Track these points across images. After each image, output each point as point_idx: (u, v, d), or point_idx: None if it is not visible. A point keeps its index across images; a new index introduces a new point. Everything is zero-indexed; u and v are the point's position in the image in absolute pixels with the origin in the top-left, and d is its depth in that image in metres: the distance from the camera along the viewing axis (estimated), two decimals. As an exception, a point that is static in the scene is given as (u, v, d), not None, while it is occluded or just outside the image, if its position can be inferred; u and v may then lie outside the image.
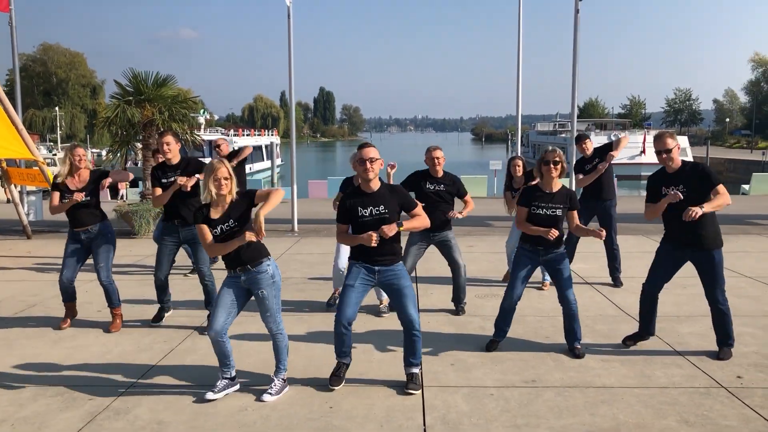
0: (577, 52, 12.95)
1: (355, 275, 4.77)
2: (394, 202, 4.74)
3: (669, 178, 5.27)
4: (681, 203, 5.06)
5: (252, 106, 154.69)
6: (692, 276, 8.25)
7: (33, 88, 79.73)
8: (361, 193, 4.74)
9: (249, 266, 4.66)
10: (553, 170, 5.33)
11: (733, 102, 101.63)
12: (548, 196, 5.41)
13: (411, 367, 4.87)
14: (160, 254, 6.44)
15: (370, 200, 4.69)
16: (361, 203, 4.69)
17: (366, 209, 4.67)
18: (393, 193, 4.79)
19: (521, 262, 5.55)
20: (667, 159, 5.26)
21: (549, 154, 5.34)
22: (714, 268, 5.32)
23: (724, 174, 49.97)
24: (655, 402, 4.52)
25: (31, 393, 4.84)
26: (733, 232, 12.08)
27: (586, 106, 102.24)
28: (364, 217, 4.67)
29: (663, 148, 5.24)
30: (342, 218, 4.80)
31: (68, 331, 6.37)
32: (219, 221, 4.60)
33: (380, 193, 4.73)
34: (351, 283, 4.76)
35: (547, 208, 5.37)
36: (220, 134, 54.54)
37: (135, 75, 13.49)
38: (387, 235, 4.60)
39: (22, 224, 12.53)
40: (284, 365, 4.83)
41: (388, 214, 4.67)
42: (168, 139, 6.35)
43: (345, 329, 4.78)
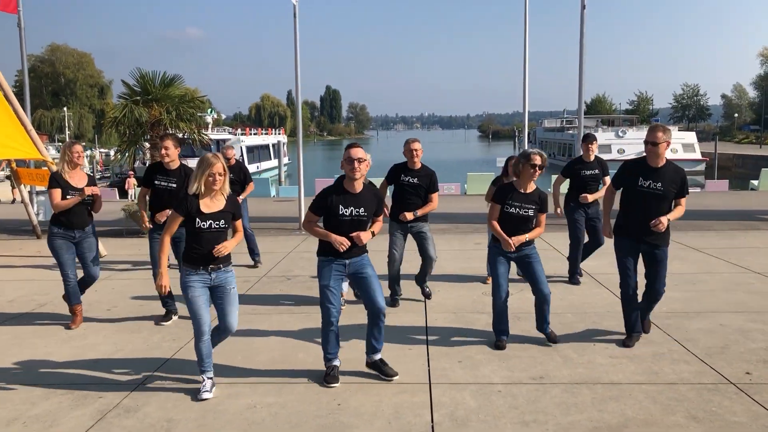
0: (583, 48, 12.92)
1: (328, 273, 4.82)
2: (372, 207, 4.86)
3: (649, 172, 5.34)
4: (649, 204, 5.30)
5: (259, 105, 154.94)
6: (703, 272, 8.29)
7: (41, 88, 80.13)
8: (344, 191, 4.79)
9: (222, 266, 4.73)
10: (536, 173, 5.44)
11: (742, 97, 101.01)
12: (523, 195, 5.48)
13: (376, 353, 5.03)
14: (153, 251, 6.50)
15: (353, 200, 4.76)
16: (343, 202, 4.74)
17: (347, 208, 4.74)
18: (373, 197, 4.90)
19: (498, 261, 5.58)
20: (651, 152, 5.31)
21: (534, 157, 5.40)
22: (663, 261, 5.49)
23: (732, 170, 49.74)
24: (664, 398, 4.52)
25: (42, 391, 4.88)
26: (742, 227, 12.04)
27: (594, 103, 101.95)
28: (344, 216, 4.73)
29: (650, 140, 5.31)
30: (318, 210, 4.79)
31: (78, 330, 6.41)
32: (211, 216, 4.61)
33: (363, 194, 4.82)
34: (326, 283, 4.81)
35: (520, 208, 5.44)
36: (227, 133, 54.69)
37: (142, 75, 13.53)
38: (362, 242, 4.77)
39: (32, 224, 12.61)
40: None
41: (366, 217, 4.80)
42: (167, 143, 6.39)
43: (334, 326, 4.90)
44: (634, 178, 5.38)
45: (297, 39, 12.61)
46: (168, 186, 6.42)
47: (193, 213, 4.57)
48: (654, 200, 5.31)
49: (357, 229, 4.77)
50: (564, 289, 7.63)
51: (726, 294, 7.27)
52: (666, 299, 6.93)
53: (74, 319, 6.54)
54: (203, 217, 4.59)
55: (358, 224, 4.78)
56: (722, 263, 8.93)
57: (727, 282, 7.83)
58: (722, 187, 23.17)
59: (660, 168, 5.34)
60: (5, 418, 4.43)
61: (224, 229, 4.71)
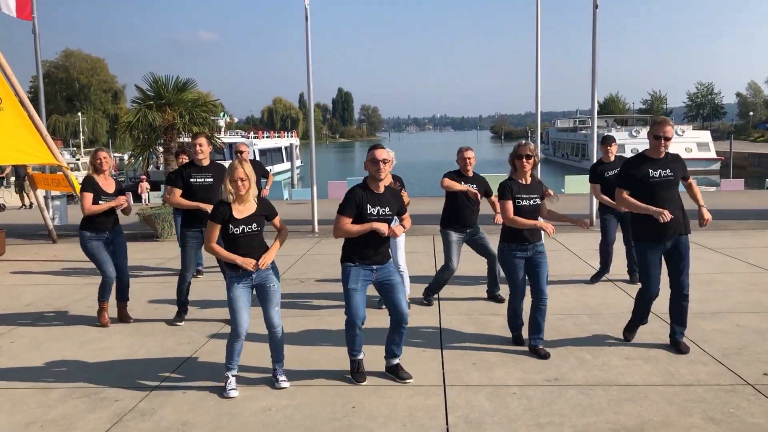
0: (596, 47, 12.85)
1: (356, 277, 4.85)
2: (395, 207, 4.97)
3: (656, 163, 5.32)
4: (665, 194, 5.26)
5: (271, 108, 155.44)
6: (719, 272, 8.22)
7: (56, 94, 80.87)
8: (371, 191, 4.86)
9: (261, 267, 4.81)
10: (526, 164, 5.43)
11: (757, 95, 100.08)
12: (526, 187, 5.51)
13: (395, 358, 5.09)
14: (187, 255, 6.61)
15: (379, 200, 4.85)
16: (371, 201, 4.82)
17: (374, 208, 4.81)
18: (395, 197, 5.01)
19: (517, 265, 5.50)
20: (664, 146, 5.28)
21: (522, 148, 5.47)
22: (688, 252, 5.43)
23: (748, 169, 49.24)
24: (680, 399, 4.48)
25: (58, 394, 4.92)
26: (758, 227, 11.92)
27: (607, 102, 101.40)
28: (371, 215, 4.79)
29: (665, 134, 5.26)
30: (350, 210, 4.78)
31: (94, 334, 6.46)
32: (243, 222, 4.74)
33: (386, 195, 4.93)
34: (354, 286, 4.85)
35: (530, 199, 5.47)
36: (240, 136, 54.90)
37: (155, 79, 13.62)
38: (397, 234, 4.82)
39: (48, 228, 12.72)
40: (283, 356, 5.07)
41: (391, 216, 4.92)
42: (201, 140, 6.59)
43: (359, 330, 4.94)
44: (644, 172, 5.31)
45: (309, 42, 12.64)
46: (204, 182, 6.56)
47: (226, 220, 4.72)
48: (667, 188, 5.29)
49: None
50: (578, 291, 7.59)
51: (742, 294, 7.20)
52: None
53: (102, 314, 6.72)
54: (236, 222, 4.72)
55: (386, 223, 4.85)
56: (738, 263, 8.84)
57: (743, 282, 7.75)
58: (738, 186, 22.96)
59: (663, 158, 5.35)
60: (22, 422, 4.47)
61: (258, 232, 4.82)
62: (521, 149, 5.47)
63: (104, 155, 6.62)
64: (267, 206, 4.95)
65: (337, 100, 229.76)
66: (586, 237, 10.88)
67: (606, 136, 7.88)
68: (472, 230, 6.97)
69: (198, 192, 6.52)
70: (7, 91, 10.55)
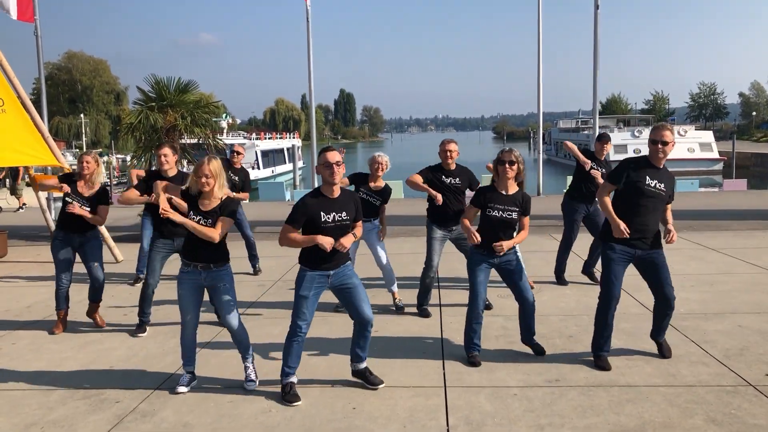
0: (597, 48, 12.85)
1: (309, 284, 4.63)
2: (352, 210, 4.70)
3: (654, 173, 5.05)
4: (652, 206, 5.04)
5: (273, 109, 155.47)
6: (721, 273, 8.20)
7: (58, 95, 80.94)
8: (322, 197, 4.59)
9: (212, 265, 4.81)
10: (509, 170, 5.16)
11: (760, 95, 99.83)
12: (504, 197, 5.23)
13: (361, 362, 4.91)
14: (153, 261, 6.46)
15: (333, 205, 4.58)
16: (324, 208, 4.55)
17: (329, 215, 4.54)
18: (352, 200, 4.75)
19: (479, 269, 5.26)
20: (661, 151, 5.00)
21: (505, 154, 5.20)
22: (665, 264, 5.16)
23: (751, 169, 49.12)
24: (682, 401, 4.47)
25: (59, 396, 4.92)
26: (761, 227, 11.89)
27: (609, 103, 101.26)
28: (327, 223, 4.53)
29: (662, 139, 4.98)
30: (296, 222, 4.54)
31: (95, 335, 6.46)
32: (201, 213, 4.73)
33: (342, 199, 4.65)
34: (305, 294, 4.63)
35: (503, 210, 5.19)
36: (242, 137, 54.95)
37: (157, 81, 13.61)
38: (345, 248, 4.55)
39: (50, 230, 12.71)
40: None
41: (348, 221, 4.64)
42: (165, 150, 6.39)
43: (299, 340, 4.74)
44: (642, 177, 5.03)
45: (310, 43, 12.65)
46: None
47: (191, 204, 4.76)
48: (656, 202, 5.06)
49: (341, 235, 4.55)
50: (579, 291, 7.57)
51: (744, 294, 7.18)
52: (683, 300, 6.89)
53: (57, 323, 6.64)
54: (195, 211, 4.73)
55: (342, 229, 4.59)
56: (741, 263, 8.82)
57: (745, 282, 7.73)
58: (741, 186, 22.90)
59: (662, 169, 5.09)
60: (23, 423, 4.47)
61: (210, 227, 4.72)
62: (504, 155, 5.21)
63: (90, 159, 6.50)
64: (225, 205, 4.77)
65: (339, 101, 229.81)
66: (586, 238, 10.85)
67: (602, 134, 7.93)
68: (458, 229, 6.55)
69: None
70: (9, 93, 10.56)
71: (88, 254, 6.61)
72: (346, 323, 6.43)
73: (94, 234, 6.67)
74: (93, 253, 6.63)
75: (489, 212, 5.21)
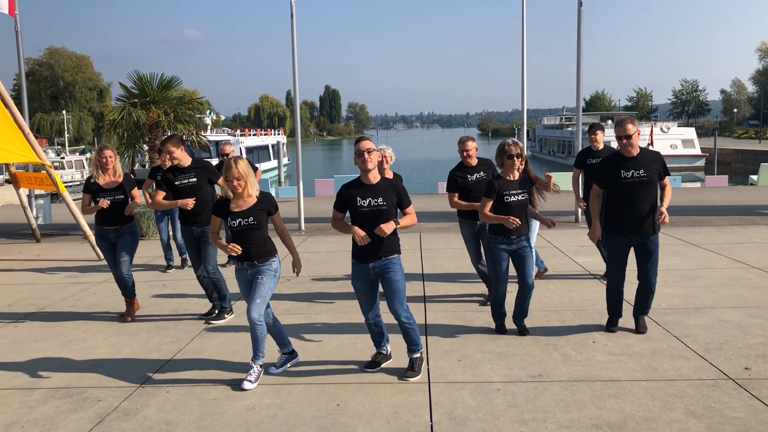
0: (581, 45, 12.90)
1: (356, 274, 4.95)
2: (392, 196, 4.84)
3: (629, 163, 5.44)
4: (637, 194, 5.38)
5: (258, 105, 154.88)
6: (702, 268, 8.29)
7: (40, 92, 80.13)
8: (361, 184, 4.85)
9: (256, 262, 4.96)
10: (517, 162, 5.63)
11: (741, 92, 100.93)
12: (514, 183, 5.67)
13: (410, 353, 5.07)
14: (190, 252, 6.68)
15: (369, 191, 4.79)
16: (360, 193, 4.79)
17: (365, 200, 4.77)
18: (392, 187, 4.90)
19: (501, 257, 5.72)
20: (626, 145, 5.42)
21: (512, 148, 5.62)
22: (656, 251, 5.60)
23: (732, 165, 49.68)
24: (663, 395, 4.51)
25: (40, 395, 4.88)
26: (741, 223, 12.03)
27: (593, 99, 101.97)
28: (362, 207, 4.77)
29: (623, 134, 5.39)
30: (339, 206, 4.90)
31: (78, 333, 6.41)
32: (239, 215, 4.90)
33: (380, 185, 4.84)
34: (355, 285, 4.98)
35: (518, 194, 5.63)
36: (226, 134, 54.65)
37: (140, 77, 13.53)
38: (385, 233, 4.69)
39: (31, 228, 12.61)
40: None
41: (385, 206, 4.77)
42: (170, 148, 6.46)
43: (374, 325, 5.09)
44: (616, 172, 5.46)
45: (294, 39, 12.60)
46: (189, 182, 6.51)
47: (225, 213, 4.95)
48: (641, 188, 5.40)
49: (379, 220, 4.73)
50: (563, 286, 7.62)
51: (725, 289, 7.26)
52: (665, 295, 6.96)
53: (127, 310, 6.86)
54: (234, 216, 4.91)
55: (379, 215, 4.75)
56: (722, 258, 8.92)
57: (726, 277, 7.82)
58: (722, 182, 23.15)
59: (637, 156, 5.45)
60: (3, 422, 4.42)
61: (255, 226, 4.91)
62: (511, 149, 5.62)
63: (110, 153, 6.75)
64: (267, 200, 5.02)
65: (324, 97, 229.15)
66: (571, 233, 10.94)
67: (593, 124, 7.95)
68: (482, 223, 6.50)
69: (184, 193, 6.48)
70: (-12, 89, 10.44)
71: (118, 248, 6.77)
72: (329, 321, 6.45)
73: (129, 228, 6.79)
74: (123, 247, 6.77)
75: (507, 199, 5.61)
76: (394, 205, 4.84)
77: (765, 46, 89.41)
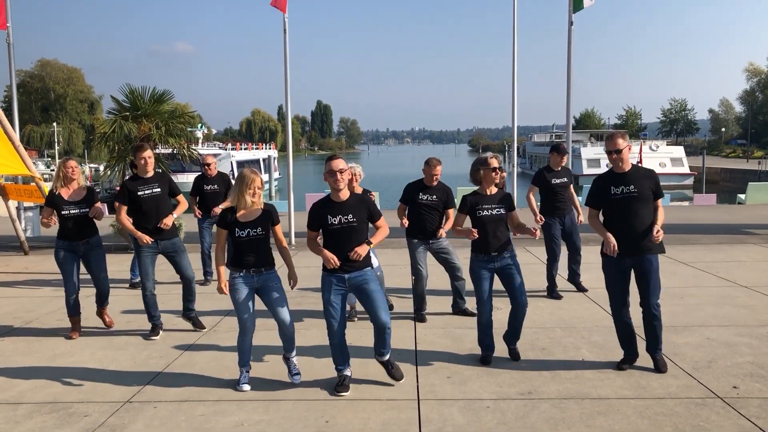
0: (571, 64, 13.03)
1: (328, 287, 4.98)
2: (363, 212, 4.96)
3: (619, 179, 5.26)
4: (628, 210, 5.18)
5: (250, 120, 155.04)
6: (690, 286, 8.33)
7: (31, 104, 79.92)
8: (331, 202, 4.95)
9: (263, 269, 5.12)
10: (497, 175, 5.59)
11: (729, 112, 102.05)
12: (489, 198, 5.61)
13: (382, 355, 5.13)
14: (144, 265, 6.50)
15: (339, 209, 4.90)
16: (331, 212, 4.90)
17: (335, 217, 4.88)
18: (361, 202, 5.02)
19: (482, 276, 5.56)
20: (617, 159, 5.26)
21: (492, 160, 5.60)
22: (655, 272, 5.30)
23: (720, 184, 50.08)
24: (651, 413, 4.52)
25: (26, 410, 4.83)
26: (729, 241, 12.11)
27: (583, 117, 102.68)
28: (333, 225, 4.88)
29: (613, 148, 5.25)
30: (312, 225, 5.03)
31: (64, 347, 6.36)
32: (248, 225, 5.00)
33: (349, 202, 4.95)
34: (327, 296, 4.99)
35: (491, 209, 5.54)
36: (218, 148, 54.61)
37: (132, 90, 13.49)
38: (360, 256, 4.85)
39: (19, 240, 12.52)
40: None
41: (356, 222, 4.90)
42: (147, 153, 6.47)
43: (336, 340, 5.07)
44: (606, 189, 5.28)
45: (287, 54, 12.65)
46: (153, 192, 6.47)
47: (231, 224, 5.02)
48: (633, 205, 5.17)
49: (351, 236, 4.87)
50: (553, 304, 7.63)
51: (713, 308, 7.30)
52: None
53: (72, 330, 6.72)
54: (241, 226, 4.99)
55: (351, 231, 4.88)
56: (710, 277, 8.97)
57: (714, 296, 7.86)
58: (710, 200, 23.31)
59: (627, 172, 5.27)
60: (-12, 438, 4.37)
61: (263, 236, 5.05)
62: (491, 161, 5.59)
63: (74, 164, 6.64)
64: (272, 213, 5.14)
65: (316, 112, 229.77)
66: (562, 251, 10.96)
67: (556, 145, 8.19)
68: (435, 241, 6.95)
69: (147, 203, 6.44)
70: (-21, 101, 10.43)
71: (93, 264, 6.68)
72: (319, 336, 6.42)
73: (96, 241, 6.70)
74: (97, 262, 6.69)
75: (479, 213, 5.54)
76: (365, 221, 4.98)
77: (752, 67, 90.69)
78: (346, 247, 4.86)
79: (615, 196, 5.22)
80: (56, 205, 6.49)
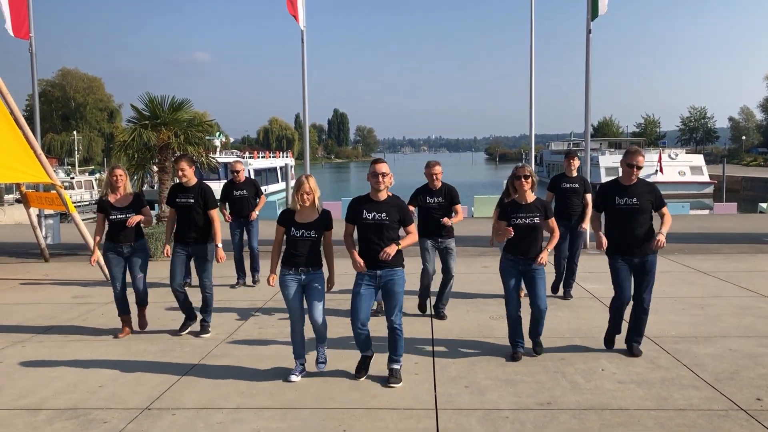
0: (589, 72, 12.98)
1: (359, 282, 5.35)
2: (395, 213, 5.35)
3: (624, 191, 5.84)
4: (630, 219, 5.76)
5: (267, 128, 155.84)
6: (711, 296, 8.23)
7: (52, 112, 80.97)
8: (370, 200, 5.39)
9: (311, 269, 5.43)
10: (524, 183, 5.88)
11: (749, 120, 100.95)
12: (525, 206, 5.92)
13: (391, 363, 5.44)
14: (174, 264, 6.89)
15: (375, 207, 5.34)
16: (367, 208, 5.34)
17: (370, 213, 5.32)
18: (397, 206, 5.41)
19: (509, 274, 5.96)
20: (632, 174, 5.80)
21: (520, 170, 5.93)
22: (653, 271, 5.87)
23: (741, 192, 49.48)
24: (673, 425, 4.46)
25: (47, 416, 4.86)
26: (750, 251, 11.96)
27: (601, 125, 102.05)
28: (366, 219, 5.32)
29: (636, 164, 5.78)
30: (349, 218, 5.45)
31: (85, 354, 6.41)
32: (304, 226, 5.38)
33: (386, 202, 5.37)
34: (357, 290, 5.34)
35: (525, 218, 5.86)
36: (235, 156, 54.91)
37: (151, 99, 13.65)
38: (390, 255, 5.19)
39: (40, 247, 12.66)
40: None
41: (387, 221, 5.30)
42: (183, 165, 6.90)
43: (360, 329, 5.36)
44: (611, 198, 5.85)
45: (305, 63, 12.73)
46: (187, 202, 6.87)
47: (289, 224, 5.41)
48: (634, 215, 5.77)
49: (381, 232, 5.27)
50: (571, 313, 7.58)
51: (735, 318, 7.20)
52: (674, 323, 6.91)
53: (122, 328, 7.06)
54: (298, 226, 5.38)
55: (381, 227, 5.28)
56: (731, 287, 8.86)
57: (735, 306, 7.76)
58: (731, 209, 23.06)
59: (632, 185, 5.84)
60: (9, 443, 4.41)
61: (315, 238, 5.40)
62: (518, 170, 5.92)
63: (120, 172, 6.92)
64: (327, 218, 5.48)
65: (332, 120, 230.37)
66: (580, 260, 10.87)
67: (568, 150, 8.44)
68: (443, 241, 7.33)
69: (180, 211, 6.90)
70: (1, 110, 10.55)
71: (134, 266, 6.95)
72: (334, 344, 6.40)
73: (141, 245, 6.97)
74: (138, 264, 6.96)
75: (514, 221, 5.86)
76: (396, 221, 5.35)
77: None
78: (374, 241, 5.25)
79: (619, 205, 5.82)
80: (105, 210, 6.83)
